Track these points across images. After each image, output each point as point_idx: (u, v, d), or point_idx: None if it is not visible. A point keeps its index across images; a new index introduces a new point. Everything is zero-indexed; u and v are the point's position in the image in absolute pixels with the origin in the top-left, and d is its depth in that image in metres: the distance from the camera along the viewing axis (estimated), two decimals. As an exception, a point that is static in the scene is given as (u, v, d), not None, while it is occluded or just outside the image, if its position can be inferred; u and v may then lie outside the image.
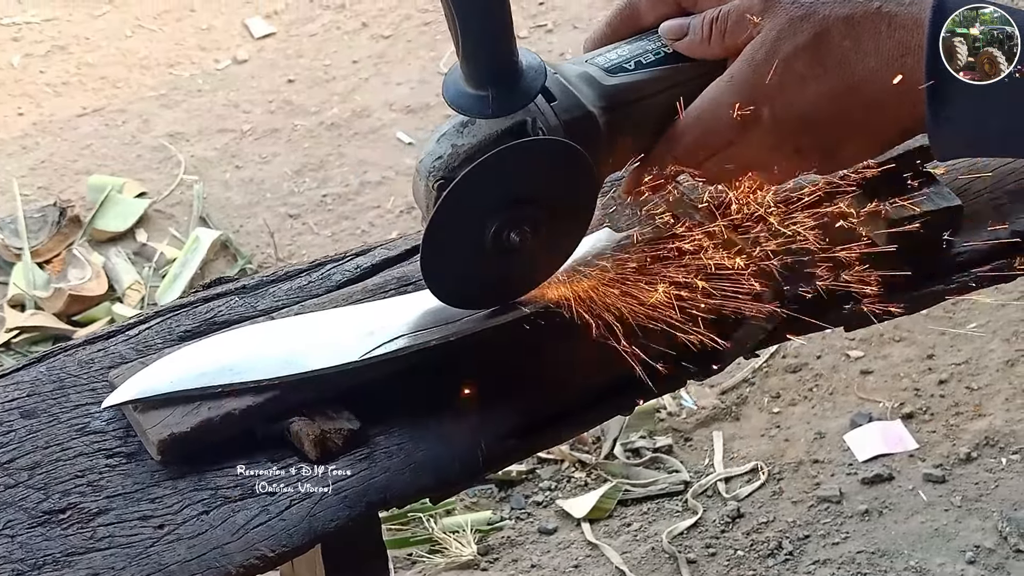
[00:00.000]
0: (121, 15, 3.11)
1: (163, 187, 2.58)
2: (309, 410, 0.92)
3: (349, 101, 2.80)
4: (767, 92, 0.89)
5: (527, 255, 0.93)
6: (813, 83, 0.88)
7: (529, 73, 0.89)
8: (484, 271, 0.93)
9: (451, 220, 0.89)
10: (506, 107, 0.89)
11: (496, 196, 0.90)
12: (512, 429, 0.95)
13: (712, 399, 2.04)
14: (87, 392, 0.95)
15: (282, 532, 0.86)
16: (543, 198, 0.91)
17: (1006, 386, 2.01)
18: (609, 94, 0.93)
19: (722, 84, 0.91)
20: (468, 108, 0.89)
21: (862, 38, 0.86)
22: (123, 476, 0.89)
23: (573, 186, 0.92)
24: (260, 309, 1.02)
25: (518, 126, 0.90)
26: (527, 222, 0.91)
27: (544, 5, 3.07)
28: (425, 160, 0.91)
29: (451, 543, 1.83)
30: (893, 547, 1.78)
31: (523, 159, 0.89)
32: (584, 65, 0.94)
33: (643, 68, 0.94)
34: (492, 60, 0.87)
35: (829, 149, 0.92)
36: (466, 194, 0.88)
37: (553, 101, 0.91)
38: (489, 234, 0.91)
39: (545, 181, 0.91)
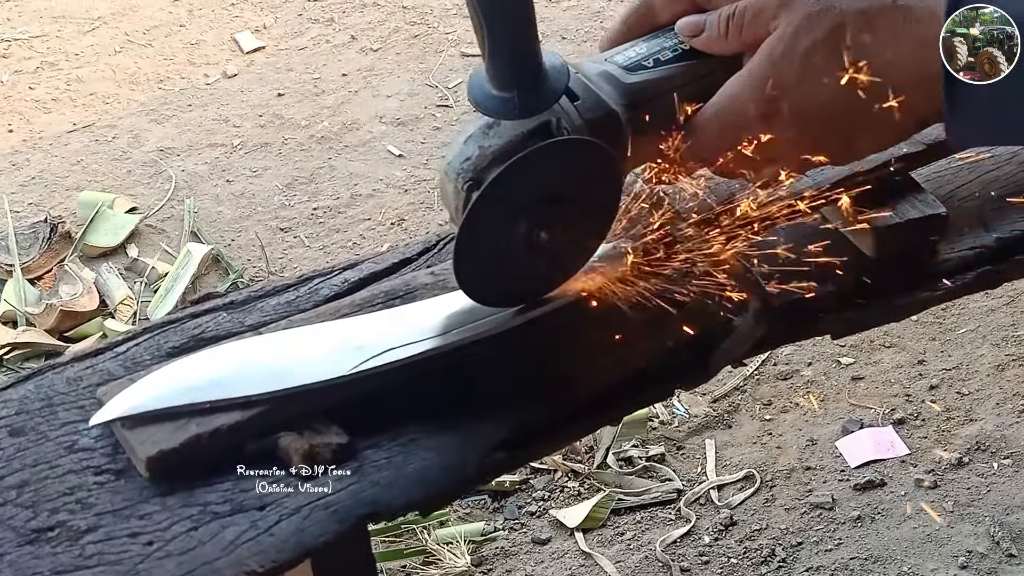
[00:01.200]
0: (110, 31, 3.11)
1: (154, 202, 2.59)
2: (298, 425, 0.92)
3: (339, 114, 2.81)
4: (786, 86, 0.90)
5: (556, 252, 0.94)
6: (831, 77, 0.89)
7: (552, 74, 0.90)
8: (515, 269, 0.95)
9: (483, 220, 0.90)
10: (531, 108, 0.90)
11: (527, 195, 0.91)
12: (501, 441, 0.95)
13: (704, 407, 2.05)
14: (75, 410, 0.95)
15: (271, 547, 0.85)
16: (571, 196, 0.92)
17: (996, 391, 2.02)
18: (630, 92, 0.94)
19: (741, 79, 0.92)
20: (494, 109, 0.90)
21: (879, 31, 0.87)
22: (112, 493, 0.89)
23: (599, 183, 0.94)
24: (248, 324, 1.02)
25: (543, 126, 0.91)
26: (556, 220, 0.92)
27: (533, 16, 3.08)
28: (453, 162, 0.92)
29: (445, 554, 1.83)
30: (886, 553, 1.79)
31: (552, 158, 0.90)
32: (604, 64, 0.95)
33: (662, 65, 0.95)
34: (517, 62, 0.88)
35: (847, 141, 0.93)
36: (498, 194, 0.89)
37: (576, 100, 0.92)
38: (520, 233, 0.92)
39: (573, 179, 0.92)
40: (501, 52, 0.88)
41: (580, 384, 0.99)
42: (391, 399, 0.95)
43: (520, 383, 0.98)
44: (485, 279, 0.95)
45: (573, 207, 0.93)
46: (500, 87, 0.89)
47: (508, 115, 0.90)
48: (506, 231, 0.92)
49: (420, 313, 0.99)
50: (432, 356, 0.96)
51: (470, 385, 0.96)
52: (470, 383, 0.96)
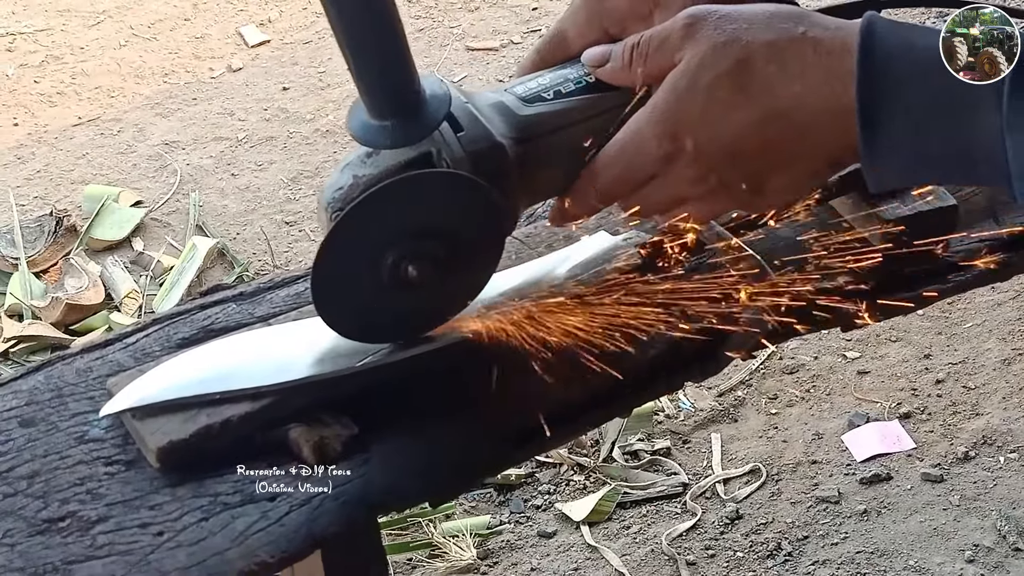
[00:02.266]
0: (115, 25, 3.11)
1: (159, 196, 2.59)
2: (307, 416, 0.92)
3: (344, 108, 2.79)
4: (690, 122, 0.85)
5: (431, 289, 0.90)
6: (737, 111, 0.84)
7: (432, 103, 0.87)
8: (383, 304, 0.91)
9: (344, 251, 0.87)
10: (407, 137, 0.86)
11: (391, 228, 0.87)
12: (510, 433, 0.95)
13: (710, 401, 2.05)
14: (85, 400, 0.95)
15: (281, 538, 0.86)
16: (442, 231, 0.89)
17: (1003, 385, 2.01)
18: (522, 125, 0.89)
19: (644, 115, 0.87)
20: (369, 139, 0.87)
21: (787, 63, 0.83)
22: (122, 484, 0.89)
23: (475, 219, 0.89)
24: (258, 316, 1.02)
25: (422, 157, 0.87)
26: (426, 256, 0.89)
27: (537, 10, 3.08)
28: (327, 191, 0.89)
29: (450, 547, 1.83)
30: (892, 547, 1.79)
31: (418, 191, 0.87)
32: (501, 94, 0.91)
33: (562, 97, 0.91)
34: (389, 90, 0.85)
35: (756, 181, 0.87)
36: (357, 225, 0.86)
37: (460, 131, 0.88)
38: (386, 266, 0.88)
39: (444, 214, 0.88)
40: (370, 81, 0.84)
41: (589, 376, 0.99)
42: (400, 390, 0.95)
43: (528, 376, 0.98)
44: (352, 312, 0.91)
45: (448, 243, 0.89)
46: (376, 116, 0.86)
47: (381, 144, 0.87)
48: (370, 264, 0.88)
49: (429, 305, 0.99)
50: (441, 347, 0.96)
51: (478, 377, 0.96)
52: (478, 375, 0.96)
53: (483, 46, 2.98)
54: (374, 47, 0.84)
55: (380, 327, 0.93)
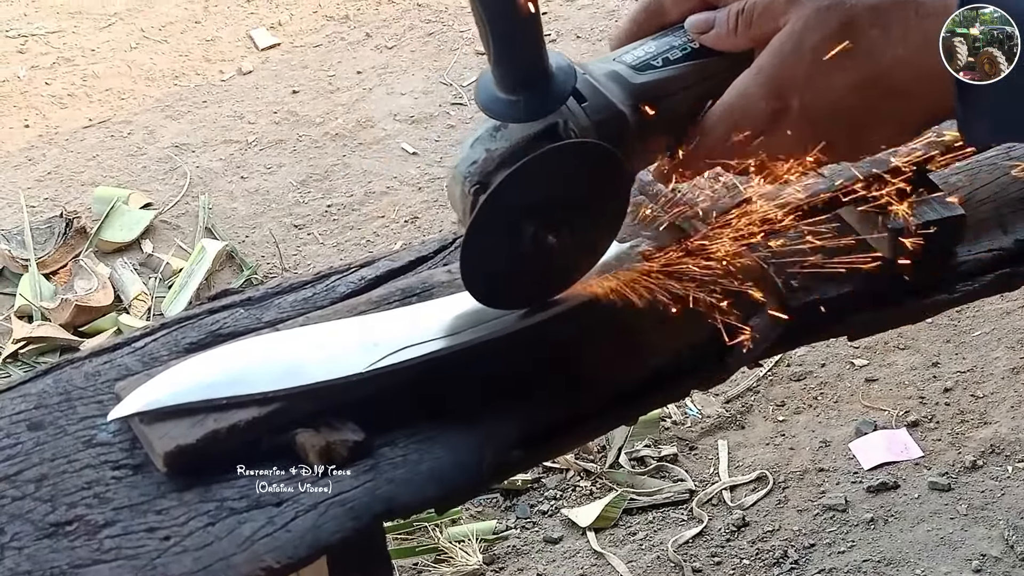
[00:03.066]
0: (126, 27, 3.12)
1: (169, 198, 2.59)
2: (314, 421, 0.92)
3: (353, 112, 2.81)
4: (795, 83, 0.89)
5: (563, 254, 0.94)
6: (840, 73, 0.88)
7: (559, 76, 0.90)
8: (522, 272, 0.95)
9: (490, 223, 0.91)
10: (537, 111, 0.90)
11: (533, 199, 0.91)
12: (517, 440, 0.95)
13: (717, 408, 2.05)
14: (93, 404, 0.95)
15: (287, 543, 0.86)
16: (579, 198, 0.92)
17: (1011, 394, 2.01)
18: (638, 92, 0.93)
19: (750, 77, 0.91)
20: (500, 113, 0.90)
21: (890, 26, 0.86)
22: (129, 488, 0.89)
23: (607, 185, 0.94)
24: (265, 321, 1.02)
25: (550, 128, 0.91)
26: (563, 222, 0.92)
27: (547, 15, 3.08)
28: (460, 165, 0.92)
29: (457, 552, 1.83)
30: (899, 556, 1.78)
31: (558, 162, 0.90)
32: (612, 64, 0.95)
33: (671, 64, 0.94)
34: (522, 66, 0.88)
35: (858, 137, 0.92)
36: (504, 198, 0.89)
37: (584, 102, 0.92)
38: (527, 236, 0.92)
39: (580, 182, 0.92)
40: (506, 56, 0.87)
41: (597, 383, 0.99)
42: (407, 396, 0.95)
43: (536, 382, 0.98)
44: (492, 282, 0.95)
45: (581, 209, 0.93)
46: (506, 90, 0.89)
47: (514, 118, 0.90)
48: (513, 234, 0.92)
49: (436, 311, 1.00)
50: (448, 354, 0.96)
51: (486, 383, 0.96)
52: (486, 381, 0.96)
53: (491, 51, 2.98)
54: (512, 24, 0.86)
55: (517, 293, 0.97)
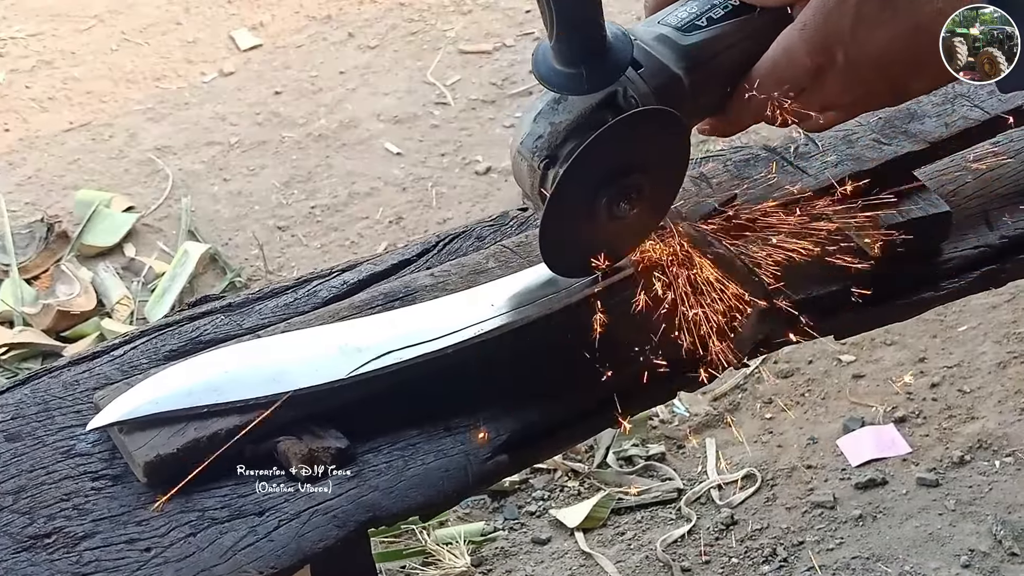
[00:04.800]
0: (107, 29, 3.10)
1: (151, 201, 2.57)
2: (297, 429, 0.91)
3: (336, 112, 2.80)
4: (839, 37, 0.91)
5: (632, 219, 0.95)
6: (883, 26, 0.90)
7: (616, 45, 0.91)
8: (594, 240, 0.96)
9: (567, 196, 0.91)
10: (600, 82, 0.91)
11: (605, 168, 0.92)
12: (503, 444, 0.94)
13: (704, 406, 2.04)
14: (72, 414, 0.94)
15: (270, 553, 0.85)
16: (645, 164, 0.93)
17: (998, 388, 2.01)
18: (689, 53, 0.94)
19: (794, 32, 0.93)
20: (563, 86, 0.91)
21: None
22: (109, 499, 0.88)
23: (670, 148, 0.95)
24: (246, 327, 1.01)
25: (610, 97, 0.92)
26: (633, 188, 0.93)
27: (531, 13, 3.07)
28: (526, 141, 0.93)
29: (444, 555, 1.82)
30: (888, 552, 1.78)
31: (628, 130, 0.91)
32: (658, 27, 0.96)
33: (715, 23, 0.95)
34: (583, 37, 0.89)
35: (899, 86, 0.95)
36: (580, 170, 0.90)
37: (640, 68, 0.93)
38: (601, 204, 0.93)
39: (647, 148, 0.93)
40: (568, 29, 0.88)
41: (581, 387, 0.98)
42: (391, 402, 0.94)
43: (519, 386, 0.97)
44: (569, 252, 0.96)
45: (648, 173, 0.94)
46: (567, 63, 0.90)
47: (578, 90, 0.91)
48: (588, 203, 0.93)
49: (419, 315, 0.99)
50: (432, 359, 0.95)
51: (471, 388, 0.95)
52: (470, 386, 0.96)
53: (476, 49, 2.97)
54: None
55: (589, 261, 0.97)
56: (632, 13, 2.85)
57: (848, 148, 1.12)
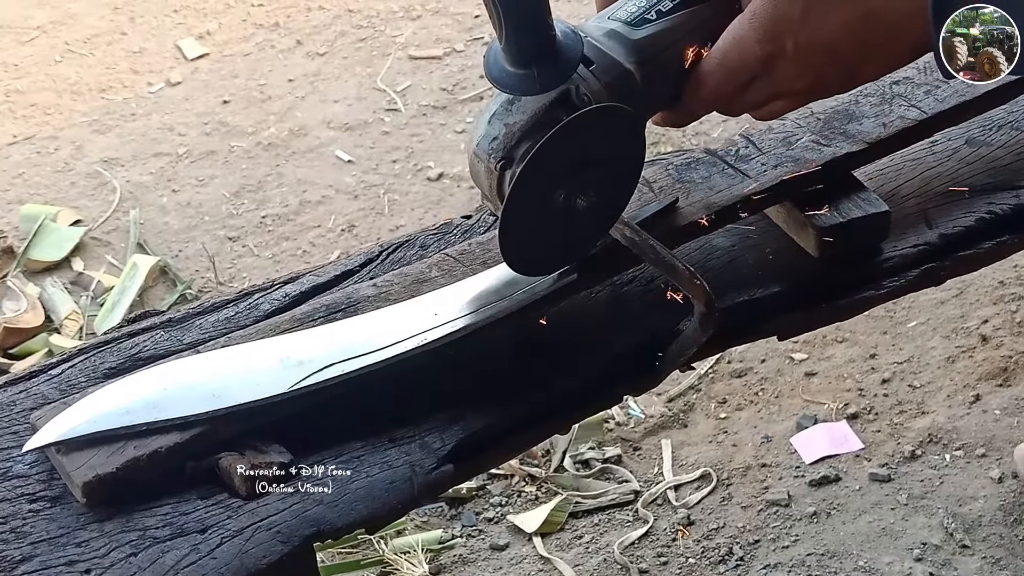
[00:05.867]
0: (50, 40, 3.06)
1: (98, 214, 2.55)
2: (239, 444, 0.91)
3: (286, 120, 2.78)
4: (788, 24, 0.92)
5: (589, 215, 0.95)
6: (833, 12, 0.91)
7: (566, 43, 0.91)
8: (554, 238, 0.96)
9: (524, 196, 0.91)
10: (552, 81, 0.91)
11: (561, 166, 0.92)
12: (448, 454, 0.93)
13: (659, 407, 2.04)
14: (8, 436, 0.93)
15: (213, 571, 0.84)
16: (600, 160, 0.93)
17: (947, 383, 2.03)
18: (639, 47, 0.95)
19: (744, 21, 0.93)
20: (515, 87, 0.91)
21: None
22: (47, 521, 0.87)
23: (626, 144, 0.95)
24: (186, 343, 1.00)
25: (563, 95, 0.92)
26: (589, 185, 0.93)
27: (480, 18, 3.07)
28: (482, 143, 0.93)
29: (402, 564, 1.81)
30: (842, 548, 1.79)
31: (581, 128, 0.91)
32: (607, 22, 0.96)
33: (665, 16, 0.96)
34: (533, 38, 0.89)
35: (849, 72, 0.95)
36: (537, 169, 0.90)
37: (591, 65, 0.93)
38: (558, 202, 0.93)
39: (602, 144, 0.93)
40: (516, 30, 0.88)
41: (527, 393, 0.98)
42: (334, 416, 0.93)
43: (464, 396, 0.97)
44: (529, 251, 0.96)
45: (603, 170, 0.94)
46: (518, 64, 0.90)
47: (530, 91, 0.91)
48: (545, 202, 0.93)
49: (362, 327, 0.98)
50: (375, 370, 0.94)
51: (414, 400, 0.95)
52: (413, 398, 0.95)
53: (426, 54, 2.96)
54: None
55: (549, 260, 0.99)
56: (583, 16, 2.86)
57: (787, 150, 1.13)
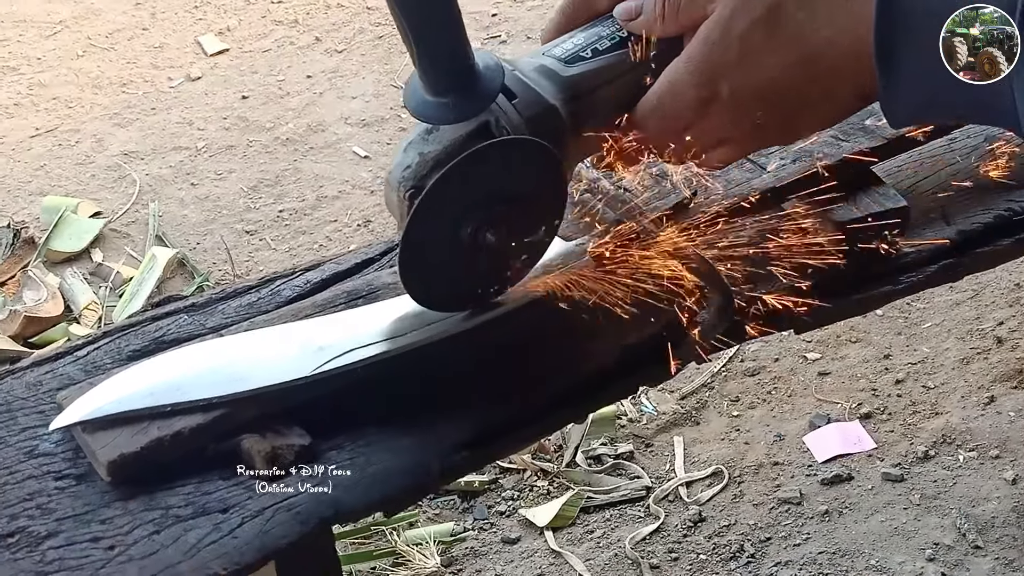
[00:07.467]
0: (73, 35, 3.09)
1: (118, 206, 2.57)
2: (259, 427, 0.92)
3: (304, 116, 2.80)
4: (724, 70, 0.89)
5: (504, 254, 0.94)
6: (769, 57, 0.88)
7: (487, 74, 0.90)
8: (462, 273, 0.94)
9: (426, 226, 0.90)
10: (467, 111, 0.90)
11: (468, 199, 0.90)
12: (465, 440, 0.94)
13: (672, 404, 2.05)
14: (35, 415, 0.94)
15: (234, 550, 0.85)
16: (515, 195, 0.92)
17: (962, 384, 2.03)
18: (569, 85, 0.93)
19: (679, 65, 0.91)
20: (430, 115, 0.90)
21: (816, 9, 0.86)
22: (72, 498, 0.88)
23: (543, 180, 0.93)
24: (209, 327, 1.02)
25: (482, 127, 0.91)
26: (502, 221, 0.92)
27: (497, 16, 3.08)
28: (395, 171, 0.92)
29: (414, 555, 1.82)
30: (854, 547, 1.79)
31: (491, 160, 0.90)
32: (541, 58, 0.94)
33: (600, 55, 0.94)
34: (448, 67, 0.88)
35: (789, 120, 0.92)
36: (437, 200, 0.89)
37: (514, 99, 0.91)
38: (465, 236, 0.92)
39: (515, 179, 0.91)
40: (430, 59, 0.87)
41: (543, 382, 0.99)
42: (353, 400, 0.94)
43: (482, 383, 0.98)
44: (433, 284, 0.94)
45: (518, 206, 0.92)
46: (434, 92, 0.88)
47: (444, 120, 0.90)
48: (450, 235, 0.91)
49: (382, 314, 0.99)
50: (393, 357, 0.95)
51: (432, 386, 0.96)
52: (431, 384, 0.96)
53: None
54: (435, 27, 0.86)
55: (459, 295, 0.96)
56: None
57: (806, 144, 1.13)
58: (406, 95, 0.90)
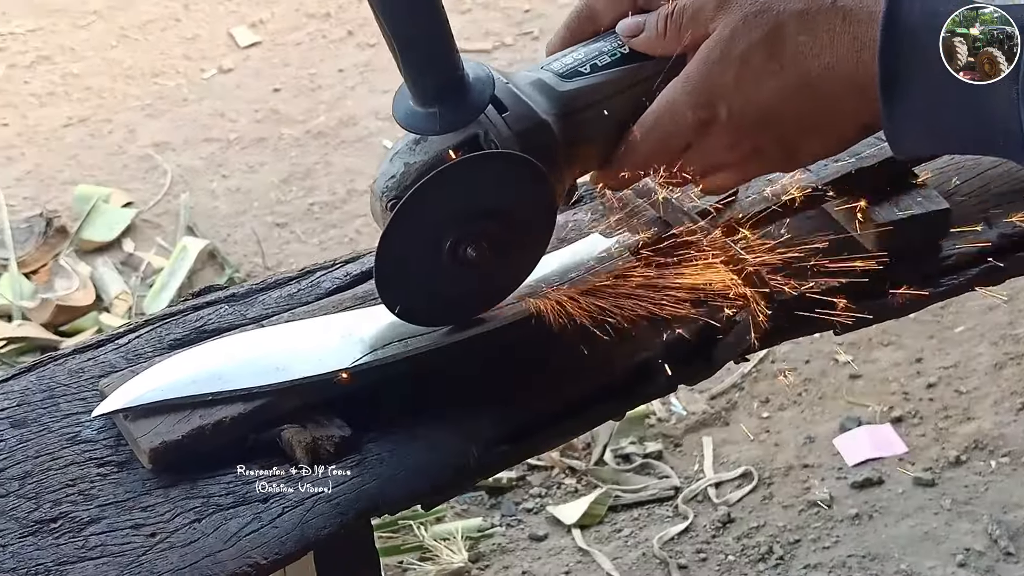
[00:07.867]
0: (106, 25, 3.10)
1: (149, 197, 2.58)
2: (300, 417, 0.92)
3: (335, 109, 2.80)
4: (723, 91, 0.87)
5: (488, 270, 0.92)
6: (769, 80, 0.86)
7: (476, 86, 0.88)
8: (443, 288, 0.92)
9: (405, 236, 0.89)
10: (454, 122, 0.88)
11: (448, 212, 0.89)
12: (504, 435, 0.94)
13: (702, 404, 2.05)
14: (78, 401, 0.95)
15: (274, 540, 0.85)
16: (497, 211, 0.90)
17: (994, 389, 2.02)
18: (563, 100, 0.91)
19: (678, 85, 0.89)
20: (416, 126, 0.88)
21: (817, 33, 0.85)
22: (114, 485, 0.88)
23: (527, 197, 0.91)
24: (250, 317, 1.02)
25: (470, 139, 0.89)
26: (484, 236, 0.90)
27: (529, 12, 3.08)
28: (379, 180, 0.90)
29: (442, 550, 1.82)
30: (883, 551, 1.79)
31: (472, 173, 0.88)
32: (538, 72, 0.92)
33: (599, 71, 0.92)
34: (435, 78, 0.86)
35: (788, 146, 0.90)
36: (416, 212, 0.87)
37: (505, 112, 0.89)
38: (445, 250, 0.90)
39: (499, 193, 0.89)
40: (416, 68, 0.86)
41: (583, 377, 0.99)
42: (393, 392, 0.95)
43: (522, 377, 0.98)
44: (411, 296, 0.92)
45: (501, 221, 0.90)
46: (422, 103, 0.87)
47: (431, 131, 0.88)
48: (430, 248, 0.90)
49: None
50: (435, 350, 0.95)
51: (473, 379, 0.96)
52: (473, 377, 0.96)
53: (475, 48, 2.97)
54: (420, 36, 0.85)
55: (440, 310, 0.94)
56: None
57: (849, 145, 1.13)
58: (394, 104, 0.88)
